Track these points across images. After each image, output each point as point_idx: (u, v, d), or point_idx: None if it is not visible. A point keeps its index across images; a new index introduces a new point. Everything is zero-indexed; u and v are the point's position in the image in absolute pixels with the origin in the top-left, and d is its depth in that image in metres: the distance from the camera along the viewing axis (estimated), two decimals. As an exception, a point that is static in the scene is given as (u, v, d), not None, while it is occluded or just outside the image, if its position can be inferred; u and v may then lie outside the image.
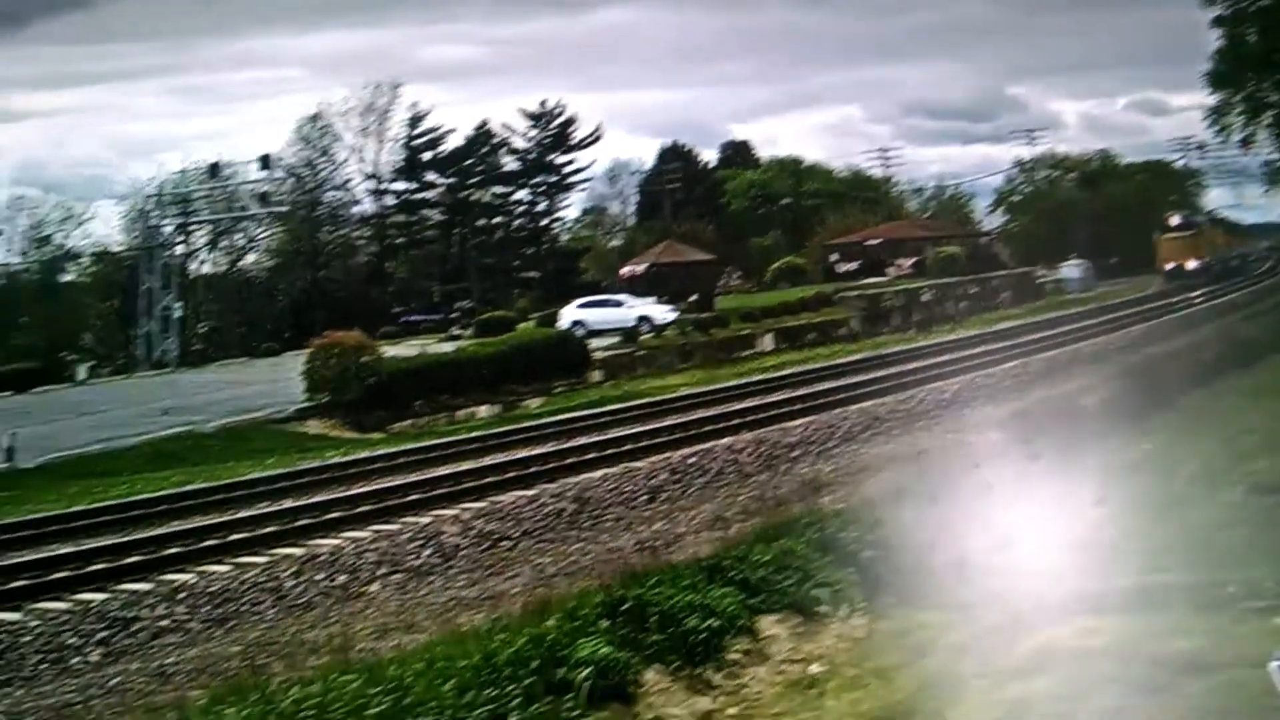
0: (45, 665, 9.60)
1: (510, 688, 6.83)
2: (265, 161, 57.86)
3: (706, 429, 19.01)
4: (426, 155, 73.85)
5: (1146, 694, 6.76)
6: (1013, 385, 22.52)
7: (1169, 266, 54.66)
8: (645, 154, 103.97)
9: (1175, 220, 58.16)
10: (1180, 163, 78.57)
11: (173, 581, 11.32)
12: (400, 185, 74.36)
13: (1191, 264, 54.18)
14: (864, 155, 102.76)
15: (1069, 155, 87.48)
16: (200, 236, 66.88)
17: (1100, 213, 71.06)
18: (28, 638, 9.92)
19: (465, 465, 17.40)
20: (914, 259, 60.28)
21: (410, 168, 73.54)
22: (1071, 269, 62.16)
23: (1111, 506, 8.01)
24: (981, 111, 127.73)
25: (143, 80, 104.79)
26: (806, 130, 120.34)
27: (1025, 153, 78.63)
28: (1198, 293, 45.44)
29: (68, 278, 67.43)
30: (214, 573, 11.61)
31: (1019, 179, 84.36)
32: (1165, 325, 33.58)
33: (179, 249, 61.16)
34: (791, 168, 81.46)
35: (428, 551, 12.41)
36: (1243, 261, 64.59)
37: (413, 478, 16.51)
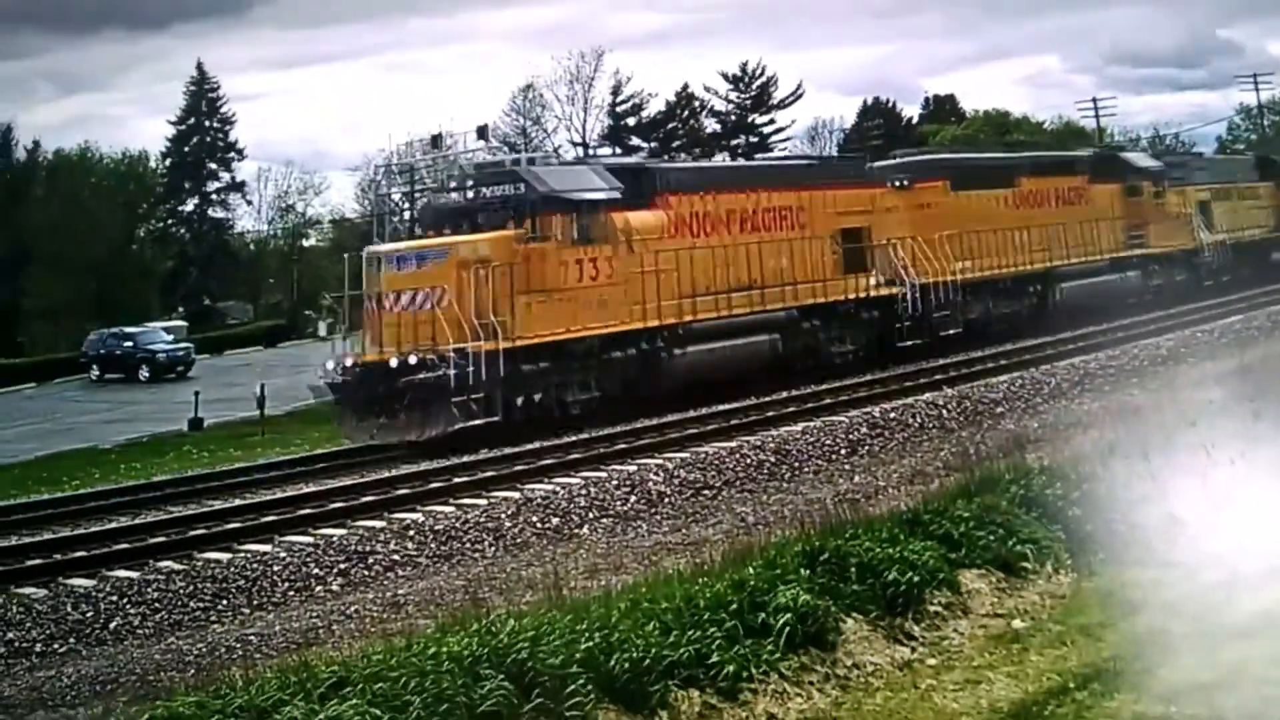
0: (293, 592, 10.65)
1: (711, 630, 7.11)
2: (482, 132, 60.35)
3: (908, 384, 18.77)
4: (630, 121, 75.13)
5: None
6: (1234, 340, 21.12)
7: (348, 363, 17.48)
8: (844, 111, 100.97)
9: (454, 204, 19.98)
10: None
11: (403, 520, 12.27)
12: (606, 150, 75.91)
13: (414, 359, 16.26)
14: (1076, 106, 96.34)
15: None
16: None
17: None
18: (277, 567, 11.01)
19: (669, 417, 17.82)
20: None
21: (615, 133, 74.91)
22: None
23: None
24: (1191, 57, 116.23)
25: (358, 59, 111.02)
26: (1003, 83, 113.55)
27: (1249, 99, 71.62)
28: None
29: (308, 242, 73.10)
30: (440, 513, 12.51)
31: (1243, 126, 77.10)
32: None
33: (405, 215, 64.93)
34: (997, 120, 77.67)
35: (634, 498, 12.97)
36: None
37: (620, 428, 17.08)
